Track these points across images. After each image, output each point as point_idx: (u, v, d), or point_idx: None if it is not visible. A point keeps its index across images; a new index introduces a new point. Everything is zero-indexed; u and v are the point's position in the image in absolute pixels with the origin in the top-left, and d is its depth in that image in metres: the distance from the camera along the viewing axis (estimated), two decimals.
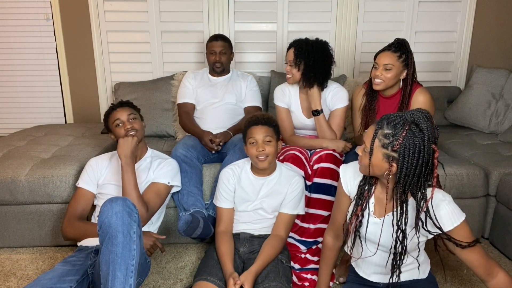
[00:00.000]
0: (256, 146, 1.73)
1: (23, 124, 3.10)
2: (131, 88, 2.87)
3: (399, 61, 1.96)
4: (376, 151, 1.25)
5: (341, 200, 1.48)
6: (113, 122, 1.87)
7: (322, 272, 1.61)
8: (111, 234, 1.36)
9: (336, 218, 1.53)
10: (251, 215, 1.84)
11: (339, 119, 2.19)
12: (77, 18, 2.96)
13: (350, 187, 1.44)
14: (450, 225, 1.28)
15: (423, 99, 2.01)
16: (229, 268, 1.64)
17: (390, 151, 1.23)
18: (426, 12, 3.01)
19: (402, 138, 1.20)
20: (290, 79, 2.16)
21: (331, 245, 1.57)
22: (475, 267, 1.32)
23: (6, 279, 1.88)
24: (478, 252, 1.31)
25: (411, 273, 1.45)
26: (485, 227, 2.26)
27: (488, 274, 1.31)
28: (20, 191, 2.06)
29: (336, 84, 2.23)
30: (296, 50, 2.09)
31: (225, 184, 1.83)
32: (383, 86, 2.01)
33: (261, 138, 1.73)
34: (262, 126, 1.75)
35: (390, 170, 1.24)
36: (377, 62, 2.00)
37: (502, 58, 3.11)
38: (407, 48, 1.98)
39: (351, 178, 1.45)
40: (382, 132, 1.24)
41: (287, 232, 1.83)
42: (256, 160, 1.75)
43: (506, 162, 2.24)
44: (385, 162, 1.25)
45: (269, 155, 1.73)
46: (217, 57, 2.50)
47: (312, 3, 2.97)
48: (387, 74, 1.97)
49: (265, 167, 1.75)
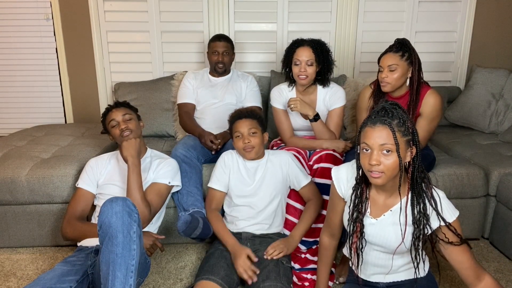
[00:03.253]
0: (242, 139, 1.82)
1: (23, 124, 3.10)
2: (131, 88, 2.87)
3: (403, 60, 1.96)
4: (401, 144, 1.23)
5: (335, 202, 1.48)
6: (109, 122, 1.89)
7: (321, 272, 1.61)
8: (111, 234, 1.36)
9: (331, 219, 1.53)
10: (248, 211, 1.85)
11: (338, 118, 2.19)
12: (77, 18, 2.96)
13: (344, 189, 1.44)
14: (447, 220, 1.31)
15: (434, 101, 2.00)
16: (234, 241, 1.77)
17: (409, 135, 1.25)
18: (426, 12, 3.02)
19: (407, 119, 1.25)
20: (307, 79, 2.11)
21: (328, 245, 1.57)
22: (465, 269, 1.31)
23: (6, 279, 1.88)
24: (468, 253, 1.31)
25: (410, 272, 1.45)
26: (485, 227, 2.26)
27: (476, 277, 1.31)
28: (20, 191, 2.05)
29: (333, 83, 2.23)
30: (313, 49, 2.08)
31: (221, 167, 1.92)
32: (391, 88, 2.01)
33: (246, 130, 1.82)
34: (246, 119, 1.84)
35: (412, 152, 1.26)
36: (381, 65, 2.00)
37: (502, 58, 3.11)
38: (408, 46, 1.99)
39: (344, 180, 1.44)
40: (394, 124, 1.23)
41: (318, 196, 1.93)
42: (243, 152, 1.85)
43: (506, 162, 2.24)
44: (407, 150, 1.26)
45: (255, 146, 1.82)
46: (220, 57, 2.50)
47: (312, 3, 2.97)
48: (393, 75, 1.97)
49: (252, 157, 1.85)
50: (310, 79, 2.12)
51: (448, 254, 1.33)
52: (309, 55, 2.07)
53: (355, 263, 1.45)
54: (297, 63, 2.09)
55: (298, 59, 2.08)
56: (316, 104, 2.22)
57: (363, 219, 1.38)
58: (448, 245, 1.31)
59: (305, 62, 2.07)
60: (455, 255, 1.32)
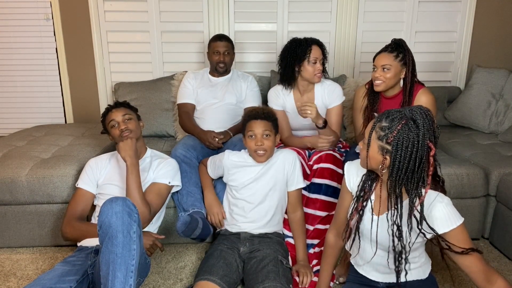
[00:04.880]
0: (254, 140, 1.80)
1: (23, 124, 3.10)
2: (131, 88, 2.87)
3: (397, 61, 1.98)
4: (372, 143, 1.29)
5: (344, 197, 1.50)
6: (109, 123, 1.89)
7: (324, 271, 1.62)
8: (111, 234, 1.36)
9: (339, 215, 1.54)
10: (245, 205, 1.86)
11: (338, 116, 2.21)
12: (77, 18, 2.96)
13: (352, 183, 1.46)
14: (446, 228, 1.27)
15: (425, 99, 2.02)
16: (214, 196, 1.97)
17: (385, 143, 1.25)
18: (426, 12, 3.02)
19: (396, 131, 1.23)
20: (321, 75, 2.16)
21: (333, 243, 1.58)
22: (474, 273, 1.29)
23: (6, 279, 1.88)
24: (476, 257, 1.29)
25: (411, 273, 1.45)
26: (485, 227, 2.26)
27: (487, 281, 1.29)
28: (20, 191, 2.06)
29: (329, 80, 2.24)
30: (321, 47, 2.12)
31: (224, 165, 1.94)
32: (383, 87, 2.02)
33: (260, 132, 1.80)
34: (262, 121, 1.82)
35: (383, 162, 1.26)
36: (375, 64, 2.02)
37: (502, 58, 3.11)
38: (404, 47, 1.99)
39: (354, 174, 1.46)
40: (379, 125, 1.27)
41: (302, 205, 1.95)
42: (254, 154, 1.83)
43: (506, 162, 2.24)
44: (380, 154, 1.27)
45: (268, 150, 1.81)
46: (221, 57, 2.50)
47: (312, 3, 2.97)
48: (386, 74, 1.99)
49: (262, 161, 1.84)
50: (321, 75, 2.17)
51: (456, 259, 1.31)
52: (320, 53, 2.12)
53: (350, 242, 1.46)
54: (314, 61, 2.11)
55: (316, 57, 2.10)
56: (314, 102, 2.21)
57: (364, 211, 1.39)
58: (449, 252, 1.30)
59: (319, 61, 2.12)
60: (462, 259, 1.30)
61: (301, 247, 1.88)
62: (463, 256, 1.29)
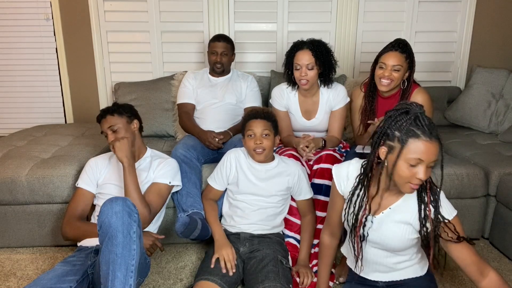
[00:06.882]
0: (254, 139, 1.80)
1: (23, 124, 3.10)
2: (131, 88, 2.87)
3: (406, 62, 1.98)
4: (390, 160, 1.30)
5: (335, 200, 1.49)
6: (101, 130, 1.90)
7: (321, 272, 1.62)
8: (111, 234, 1.36)
9: (332, 218, 1.53)
10: (246, 208, 1.85)
11: (341, 119, 2.20)
12: (77, 18, 2.96)
13: (343, 187, 1.45)
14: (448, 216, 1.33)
15: (421, 98, 2.02)
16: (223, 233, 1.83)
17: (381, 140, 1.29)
18: (426, 12, 3.02)
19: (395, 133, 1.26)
20: (308, 83, 2.07)
21: (328, 244, 1.58)
22: (468, 265, 1.32)
23: (6, 279, 1.88)
24: (470, 249, 1.32)
25: (409, 271, 1.45)
26: (485, 227, 2.26)
27: (480, 273, 1.31)
28: (20, 191, 2.05)
29: (335, 83, 2.23)
30: (313, 52, 2.04)
31: (222, 168, 1.90)
32: (390, 87, 2.01)
33: (260, 131, 1.79)
34: (261, 120, 1.81)
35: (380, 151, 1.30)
36: (385, 62, 1.98)
37: (502, 58, 3.11)
38: (410, 49, 2.00)
39: (345, 177, 1.45)
40: None
41: (314, 211, 1.95)
42: (253, 153, 1.82)
43: (506, 162, 2.24)
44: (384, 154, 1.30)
45: (266, 149, 1.80)
46: (218, 57, 2.50)
47: (312, 3, 2.97)
48: (395, 74, 1.97)
49: (261, 160, 1.83)
50: (311, 83, 2.10)
51: (450, 251, 1.34)
52: (309, 58, 2.04)
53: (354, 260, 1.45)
54: (297, 67, 2.07)
55: (298, 63, 2.06)
56: (318, 105, 2.21)
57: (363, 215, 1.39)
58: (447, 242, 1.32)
59: (305, 66, 2.04)
60: (456, 252, 1.33)
61: (304, 248, 1.89)
62: (459, 248, 1.31)
